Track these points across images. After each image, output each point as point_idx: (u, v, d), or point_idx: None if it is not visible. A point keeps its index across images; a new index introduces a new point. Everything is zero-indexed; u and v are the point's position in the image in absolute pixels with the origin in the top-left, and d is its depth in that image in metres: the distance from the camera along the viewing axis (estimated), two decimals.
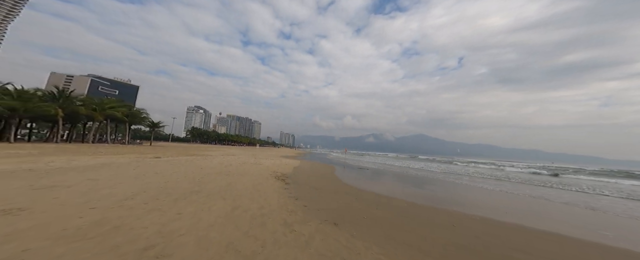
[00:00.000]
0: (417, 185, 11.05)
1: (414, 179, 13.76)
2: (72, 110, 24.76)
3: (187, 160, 14.03)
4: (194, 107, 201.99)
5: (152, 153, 18.77)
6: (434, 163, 36.89)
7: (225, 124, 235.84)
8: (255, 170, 10.92)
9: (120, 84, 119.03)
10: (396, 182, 12.31)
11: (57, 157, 11.64)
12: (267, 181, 8.05)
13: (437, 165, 29.79)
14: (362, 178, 12.59)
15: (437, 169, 22.63)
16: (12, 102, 18.99)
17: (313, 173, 12.68)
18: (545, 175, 20.88)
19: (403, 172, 18.42)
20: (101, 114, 28.04)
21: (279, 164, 16.28)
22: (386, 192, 8.03)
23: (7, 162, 8.74)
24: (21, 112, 20.02)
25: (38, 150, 14.87)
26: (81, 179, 5.87)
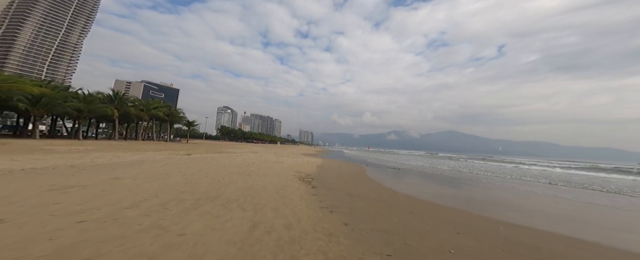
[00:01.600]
0: (487, 193, 8.63)
1: (473, 184, 11.08)
2: (125, 110, 27.98)
3: (213, 158, 14.09)
4: (222, 107, 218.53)
5: (186, 150, 19.78)
6: (471, 162, 31.75)
7: (250, 123, 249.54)
8: (278, 170, 10.16)
9: (165, 88, 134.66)
10: (452, 187, 10.06)
11: (106, 153, 12.59)
12: (291, 183, 7.11)
13: (480, 164, 25.52)
14: (402, 181, 10.93)
15: (483, 169, 19.35)
16: (78, 104, 22.04)
17: (341, 173, 11.57)
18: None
19: (448, 173, 15.86)
20: (147, 113, 31.21)
21: (301, 162, 15.46)
22: (450, 203, 6.22)
23: (61, 157, 9.46)
24: (86, 112, 23.17)
25: (95, 147, 16.60)
26: (105, 177, 5.64)
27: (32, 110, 18.32)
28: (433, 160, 35.61)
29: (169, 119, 38.06)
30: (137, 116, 29.79)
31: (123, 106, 27.58)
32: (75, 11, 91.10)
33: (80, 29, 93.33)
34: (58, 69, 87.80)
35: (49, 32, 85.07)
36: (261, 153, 24.14)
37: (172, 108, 39.35)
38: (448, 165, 23.68)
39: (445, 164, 25.66)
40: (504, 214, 5.51)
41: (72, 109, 21.60)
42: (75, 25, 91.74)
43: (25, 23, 79.82)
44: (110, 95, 27.19)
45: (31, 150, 11.30)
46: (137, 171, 6.94)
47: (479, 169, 20.09)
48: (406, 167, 18.42)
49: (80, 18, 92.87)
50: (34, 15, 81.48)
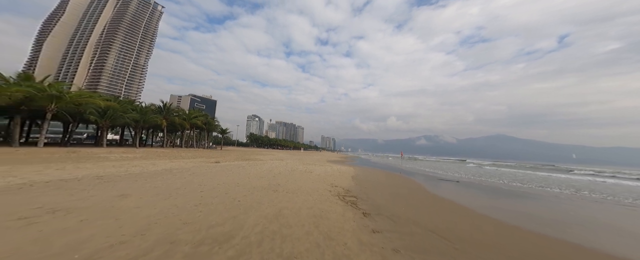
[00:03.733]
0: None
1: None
2: (171, 120, 31.09)
3: (239, 166, 13.52)
4: (251, 115, 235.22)
5: (216, 157, 20.17)
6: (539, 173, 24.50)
7: (275, 130, 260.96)
8: (309, 183, 8.77)
9: (206, 100, 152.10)
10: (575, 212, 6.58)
11: (146, 161, 13.10)
12: (331, 206, 5.51)
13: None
14: (488, 202, 8.17)
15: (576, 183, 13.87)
16: (135, 115, 25.08)
17: (388, 188, 9.53)
18: None
19: (538, 189, 11.53)
20: (188, 122, 34.21)
21: (332, 172, 13.80)
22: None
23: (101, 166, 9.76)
24: (142, 122, 26.27)
25: (143, 154, 17.96)
26: (113, 194, 5.01)
27: (100, 121, 21.28)
28: (487, 169, 29.16)
29: (206, 127, 41.21)
30: (181, 125, 32.80)
31: (170, 116, 30.66)
32: (142, 37, 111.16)
33: (146, 52, 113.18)
34: (131, 88, 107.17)
35: (126, 57, 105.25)
36: (287, 160, 23.39)
37: (209, 117, 42.74)
38: (514, 177, 18.72)
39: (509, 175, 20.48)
40: None
41: (131, 120, 24.61)
42: (142, 49, 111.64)
43: (110, 52, 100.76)
44: (160, 106, 30.58)
45: (87, 158, 12.32)
46: (154, 185, 6.26)
47: (572, 183, 14.43)
48: (468, 180, 14.66)
49: (145, 42, 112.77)
50: (115, 44, 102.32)
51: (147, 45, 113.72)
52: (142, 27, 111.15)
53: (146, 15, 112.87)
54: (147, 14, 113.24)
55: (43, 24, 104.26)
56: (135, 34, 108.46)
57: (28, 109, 16.15)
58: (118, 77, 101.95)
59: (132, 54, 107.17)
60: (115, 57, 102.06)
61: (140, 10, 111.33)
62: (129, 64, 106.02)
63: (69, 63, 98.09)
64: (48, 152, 13.26)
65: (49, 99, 15.89)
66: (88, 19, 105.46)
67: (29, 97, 14.89)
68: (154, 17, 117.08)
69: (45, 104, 15.93)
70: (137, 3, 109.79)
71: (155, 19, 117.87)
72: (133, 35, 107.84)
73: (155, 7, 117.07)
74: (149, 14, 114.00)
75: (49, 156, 11.75)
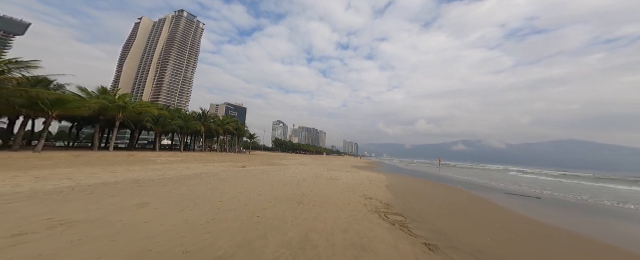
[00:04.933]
0: None
1: None
2: (208, 126, 34.43)
3: (263, 171, 13.45)
4: (276, 121, 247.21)
5: (244, 162, 20.98)
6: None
7: (298, 135, 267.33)
8: (337, 193, 7.79)
9: (238, 107, 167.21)
10: None
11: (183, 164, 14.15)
12: (371, 227, 4.42)
13: None
14: (599, 227, 6.00)
15: None
16: (180, 122, 28.48)
17: (438, 202, 7.91)
18: None
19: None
20: (222, 128, 37.34)
21: (360, 179, 12.58)
22: None
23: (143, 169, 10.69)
24: (185, 129, 29.73)
25: (183, 158, 19.73)
26: (133, 203, 5.02)
27: (154, 128, 24.70)
28: (539, 179, 22.72)
29: (237, 132, 44.34)
30: (215, 130, 35.98)
31: (207, 122, 33.96)
32: (189, 53, 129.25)
33: (192, 66, 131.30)
34: (182, 98, 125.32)
35: (177, 72, 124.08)
36: (310, 165, 22.86)
37: (239, 123, 46.04)
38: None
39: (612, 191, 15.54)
40: None
41: (176, 126, 28.01)
42: (189, 64, 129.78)
43: (167, 68, 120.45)
44: (200, 114, 34.20)
45: (139, 161, 13.95)
46: (178, 192, 6.27)
47: None
48: (553, 197, 11.03)
49: (191, 58, 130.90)
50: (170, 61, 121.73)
51: (193, 60, 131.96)
52: (189, 44, 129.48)
53: (191, 32, 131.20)
54: (192, 31, 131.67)
55: (123, 48, 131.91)
56: (183, 50, 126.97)
57: (104, 118, 19.62)
58: (172, 90, 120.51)
59: (182, 68, 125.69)
60: (171, 72, 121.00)
61: (187, 28, 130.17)
62: (180, 78, 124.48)
63: (140, 80, 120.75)
64: (114, 155, 15.62)
65: (118, 109, 19.08)
66: (152, 40, 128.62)
67: (103, 108, 18.09)
68: (197, 34, 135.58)
69: (115, 113, 19.14)
70: (185, 23, 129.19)
71: (198, 36, 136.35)
72: (182, 52, 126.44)
73: (198, 25, 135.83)
74: (193, 31, 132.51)
75: (113, 159, 13.72)
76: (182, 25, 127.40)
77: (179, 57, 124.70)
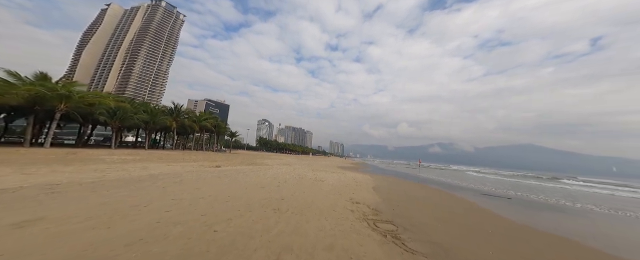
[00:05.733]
0: None
1: None
2: (181, 122, 31.05)
3: (241, 172, 12.07)
4: (262, 120, 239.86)
5: (220, 161, 19.01)
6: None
7: (284, 134, 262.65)
8: (321, 196, 7.13)
9: (220, 104, 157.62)
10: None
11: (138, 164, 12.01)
12: (360, 240, 3.80)
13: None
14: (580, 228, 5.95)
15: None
16: (145, 116, 25.06)
17: (426, 205, 7.75)
18: None
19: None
20: (198, 124, 34.09)
21: (346, 181, 12.13)
22: None
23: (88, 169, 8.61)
24: (151, 124, 26.26)
25: (143, 156, 17.13)
26: (22, 218, 3.53)
27: (110, 122, 21.23)
28: (530, 182, 24.74)
29: (216, 130, 41.07)
30: (190, 127, 32.68)
31: (180, 118, 30.62)
32: (165, 44, 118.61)
33: (168, 59, 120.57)
34: (154, 92, 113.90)
35: (150, 64, 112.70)
36: (295, 165, 21.83)
37: (219, 120, 42.75)
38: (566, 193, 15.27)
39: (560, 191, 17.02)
40: None
41: (141, 121, 24.57)
42: (165, 56, 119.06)
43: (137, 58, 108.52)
44: (172, 108, 30.71)
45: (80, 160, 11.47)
46: (109, 199, 4.79)
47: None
48: (523, 197, 11.85)
49: (168, 50, 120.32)
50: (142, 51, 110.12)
51: (170, 52, 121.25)
52: (166, 35, 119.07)
53: (169, 24, 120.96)
54: (170, 22, 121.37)
55: (83, 34, 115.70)
56: (159, 41, 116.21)
57: (41, 109, 16.14)
58: (143, 82, 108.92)
59: (156, 60, 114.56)
60: (142, 63, 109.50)
61: (165, 19, 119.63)
62: (153, 70, 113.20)
63: (103, 69, 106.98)
64: (47, 153, 12.73)
65: (59, 98, 15.80)
66: (121, 28, 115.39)
67: (40, 96, 14.79)
68: (176, 25, 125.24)
69: (55, 104, 15.83)
70: (162, 13, 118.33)
71: (178, 27, 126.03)
72: (157, 43, 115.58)
73: (178, 16, 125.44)
74: (171, 22, 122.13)
75: (43, 157, 11.07)
76: (159, 15, 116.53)
77: (154, 48, 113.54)
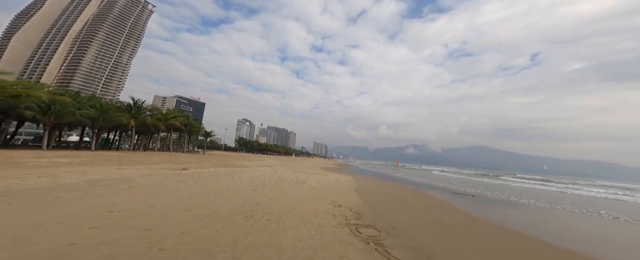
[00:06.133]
0: None
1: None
2: (142, 120, 27.00)
3: (213, 175, 10.63)
4: (242, 119, 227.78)
5: (189, 163, 16.80)
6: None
7: (266, 135, 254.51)
8: (302, 199, 6.64)
9: (194, 102, 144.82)
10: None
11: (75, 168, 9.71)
12: (343, 251, 3.37)
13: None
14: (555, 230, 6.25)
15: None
16: (92, 112, 21.01)
17: (407, 206, 7.54)
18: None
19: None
20: (164, 123, 30.14)
21: (328, 182, 11.86)
22: None
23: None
24: (100, 122, 22.13)
25: (84, 159, 14.21)
26: None
27: (41, 118, 17.17)
28: (484, 180, 28.10)
29: (187, 129, 37.04)
30: (154, 125, 28.69)
31: (140, 115, 26.62)
32: (127, 35, 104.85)
33: (130, 50, 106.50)
34: (110, 87, 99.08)
35: (107, 54, 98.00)
36: (276, 167, 20.61)
37: (191, 118, 38.65)
38: (516, 190, 17.15)
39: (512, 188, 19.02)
40: None
41: (86, 118, 20.51)
42: (126, 48, 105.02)
43: (89, 47, 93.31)
44: (130, 104, 26.54)
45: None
46: (4, 216, 3.19)
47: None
48: (490, 196, 12.70)
49: (131, 41, 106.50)
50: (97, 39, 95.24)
51: (133, 43, 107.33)
52: (129, 25, 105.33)
53: (134, 13, 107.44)
54: (135, 12, 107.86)
55: (16, 16, 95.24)
56: (120, 31, 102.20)
57: None
58: (95, 75, 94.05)
59: (114, 51, 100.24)
60: (95, 53, 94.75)
61: (129, 7, 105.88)
62: (110, 62, 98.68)
63: (40, 58, 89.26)
64: None
65: None
66: (69, 14, 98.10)
67: None
68: (143, 15, 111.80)
69: None
70: (125, 0, 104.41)
71: (144, 18, 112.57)
72: (118, 33, 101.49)
73: (146, 5, 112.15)
74: (137, 12, 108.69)
75: None
76: (121, 2, 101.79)
77: (113, 37, 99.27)
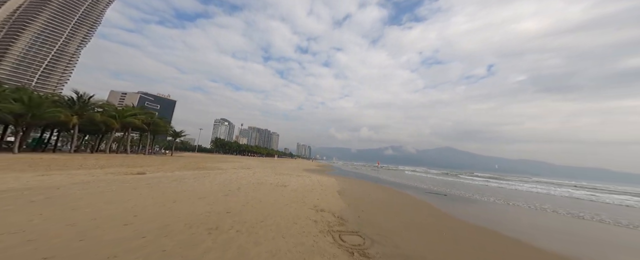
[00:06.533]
0: None
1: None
2: (89, 117, 22.52)
3: (176, 180, 8.97)
4: (220, 119, 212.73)
5: (148, 166, 14.20)
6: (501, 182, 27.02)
7: (247, 135, 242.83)
8: (282, 205, 5.92)
9: (162, 99, 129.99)
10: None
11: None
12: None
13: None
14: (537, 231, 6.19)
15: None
16: (16, 106, 16.62)
17: (391, 210, 7.03)
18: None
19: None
20: (119, 121, 25.73)
21: (311, 184, 11.15)
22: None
23: None
24: (29, 118, 17.65)
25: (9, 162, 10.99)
26: None
27: None
28: (453, 179, 30.27)
29: (150, 128, 32.44)
30: (105, 124, 24.24)
31: (86, 111, 22.19)
32: (78, 22, 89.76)
33: (80, 39, 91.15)
34: (50, 78, 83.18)
35: (47, 41, 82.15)
36: (255, 169, 18.97)
37: (155, 116, 33.95)
38: (488, 190, 18.52)
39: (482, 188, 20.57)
40: None
41: (7, 113, 16.11)
42: (76, 36, 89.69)
43: (24, 31, 77.06)
44: (72, 98, 21.95)
45: None
46: None
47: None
48: (458, 194, 13.05)
49: (82, 29, 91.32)
50: (35, 23, 79.27)
51: (85, 31, 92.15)
52: (82, 10, 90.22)
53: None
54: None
55: None
56: (68, 16, 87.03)
57: None
58: (30, 64, 78.02)
59: (58, 38, 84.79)
60: (32, 39, 78.92)
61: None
62: (51, 50, 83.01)
63: None
64: None
65: None
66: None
67: None
68: (101, 2, 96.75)
69: None
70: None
71: (103, 4, 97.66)
72: (65, 18, 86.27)
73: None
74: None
75: None
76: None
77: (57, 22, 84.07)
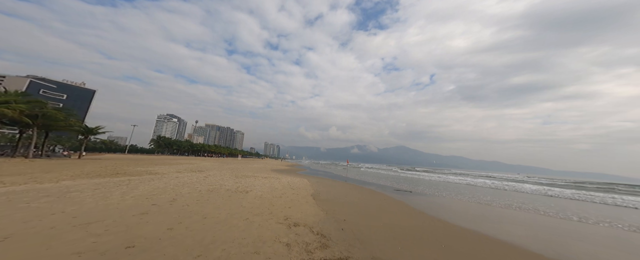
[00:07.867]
0: None
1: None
2: None
3: (55, 195, 5.51)
4: (166, 115, 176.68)
5: (24, 175, 8.64)
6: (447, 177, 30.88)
7: (204, 134, 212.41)
8: (239, 220, 4.26)
9: (71, 87, 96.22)
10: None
11: None
12: None
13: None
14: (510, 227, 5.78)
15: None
16: None
17: (373, 215, 6.00)
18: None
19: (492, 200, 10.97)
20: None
21: (281, 188, 9.59)
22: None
23: None
24: None
25: None
26: None
27: None
28: (410, 175, 32.14)
29: (39, 121, 22.19)
30: None
31: None
32: None
33: None
34: None
35: None
36: (209, 171, 15.17)
37: (46, 107, 23.36)
38: (450, 185, 20.10)
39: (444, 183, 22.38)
40: None
41: None
42: None
43: None
44: None
45: None
46: None
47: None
48: (422, 191, 13.11)
49: None
50: None
51: None
52: None
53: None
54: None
55: None
56: None
57: None
58: None
59: None
60: None
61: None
62: None
63: None
64: None
65: None
66: None
67: None
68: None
69: None
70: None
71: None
72: None
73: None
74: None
75: None
76: None
77: None
